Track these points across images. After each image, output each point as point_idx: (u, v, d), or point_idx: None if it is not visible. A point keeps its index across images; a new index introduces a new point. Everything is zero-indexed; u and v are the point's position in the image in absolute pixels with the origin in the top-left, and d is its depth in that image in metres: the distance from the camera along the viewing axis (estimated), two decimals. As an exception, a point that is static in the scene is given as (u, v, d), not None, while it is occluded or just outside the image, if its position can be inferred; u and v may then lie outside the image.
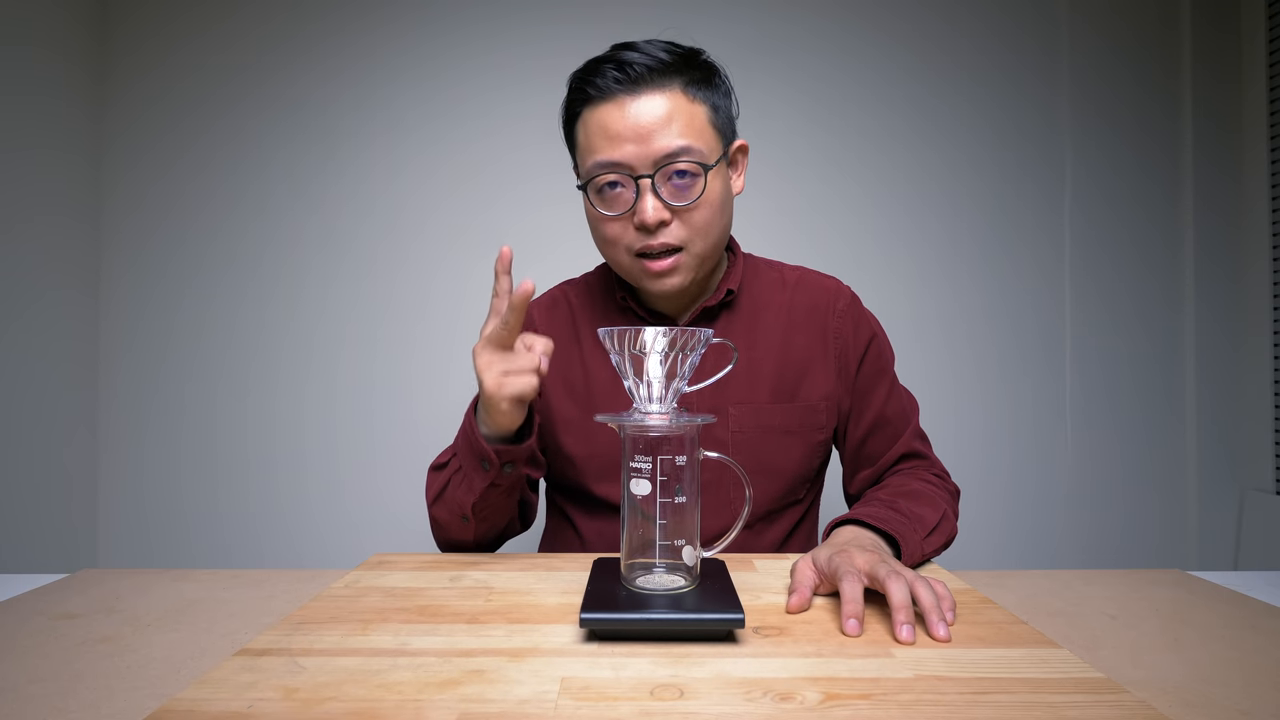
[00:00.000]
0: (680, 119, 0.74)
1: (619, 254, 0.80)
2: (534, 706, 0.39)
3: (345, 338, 1.63)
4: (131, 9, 1.61)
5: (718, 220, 0.79)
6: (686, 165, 0.74)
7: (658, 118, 0.74)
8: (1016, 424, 1.65)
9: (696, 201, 0.75)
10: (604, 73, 0.75)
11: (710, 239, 0.79)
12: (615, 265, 0.82)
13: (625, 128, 0.74)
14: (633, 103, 0.74)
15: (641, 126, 0.73)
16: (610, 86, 0.74)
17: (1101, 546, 1.65)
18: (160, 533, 1.62)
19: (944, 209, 1.65)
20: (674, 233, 0.76)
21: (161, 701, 0.43)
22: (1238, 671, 0.47)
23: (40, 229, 1.45)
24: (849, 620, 0.52)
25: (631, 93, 0.74)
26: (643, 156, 0.74)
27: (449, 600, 0.58)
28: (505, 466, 0.73)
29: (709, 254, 0.80)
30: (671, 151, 0.73)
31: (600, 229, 0.80)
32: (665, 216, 0.75)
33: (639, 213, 0.75)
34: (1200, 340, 1.64)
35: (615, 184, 0.76)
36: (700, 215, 0.76)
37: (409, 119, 1.63)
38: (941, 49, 1.65)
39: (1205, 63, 1.64)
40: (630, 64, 0.74)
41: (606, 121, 0.75)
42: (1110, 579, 0.69)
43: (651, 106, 0.74)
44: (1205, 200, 1.64)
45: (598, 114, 0.75)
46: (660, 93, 0.74)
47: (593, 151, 0.76)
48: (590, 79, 0.76)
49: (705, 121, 0.76)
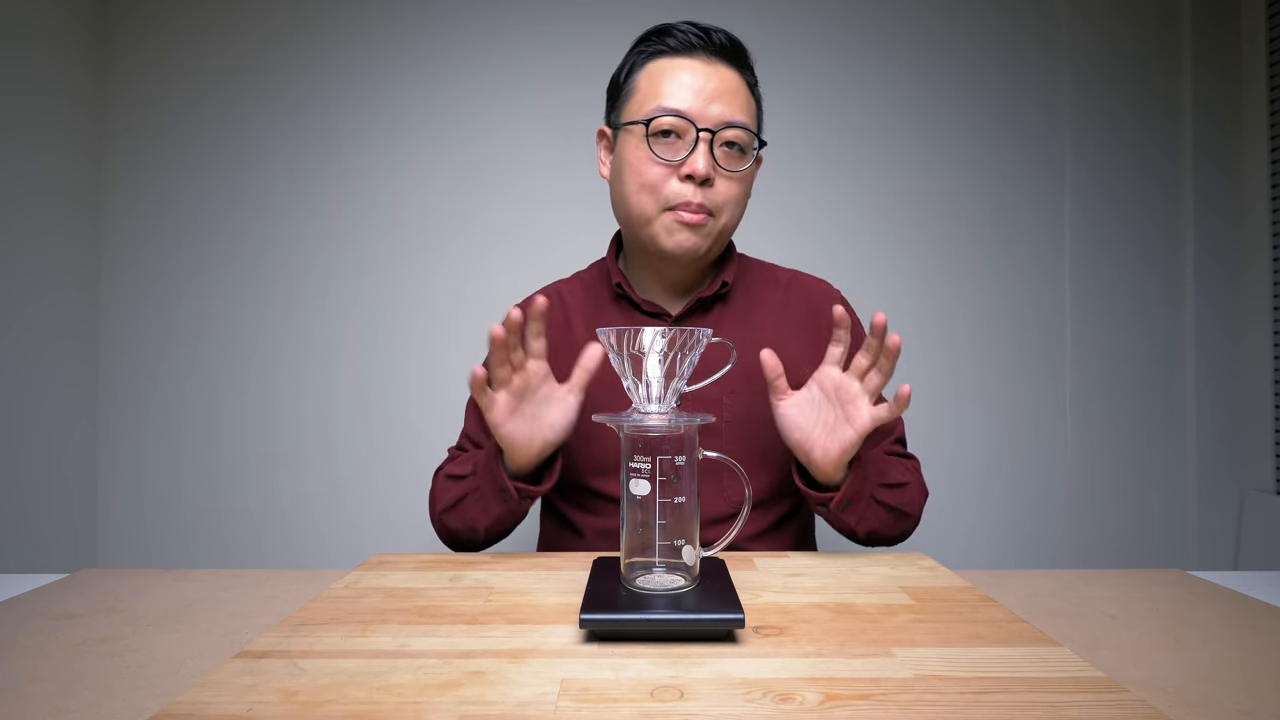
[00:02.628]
0: (743, 98, 0.80)
1: (648, 204, 0.80)
2: (534, 708, 0.39)
3: (345, 337, 1.63)
4: (131, 9, 1.61)
5: (742, 203, 0.83)
6: (742, 138, 0.79)
7: (730, 88, 0.78)
8: (1016, 424, 1.65)
9: (740, 173, 0.80)
10: (687, 31, 0.79)
11: (734, 217, 0.82)
12: (637, 217, 0.81)
13: (698, 84, 0.77)
14: (708, 66, 0.78)
15: (714, 89, 0.77)
16: (692, 43, 0.79)
17: (1101, 546, 1.65)
18: (160, 533, 1.62)
19: (944, 208, 1.65)
20: (712, 196, 0.79)
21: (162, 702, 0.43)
22: (1238, 671, 0.47)
23: (40, 229, 1.45)
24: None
25: (709, 58, 0.79)
26: (708, 114, 0.77)
27: (449, 601, 0.58)
28: (524, 499, 0.74)
29: (727, 232, 0.83)
30: (735, 121, 0.78)
31: (642, 173, 0.79)
32: (713, 174, 0.78)
33: (690, 164, 0.77)
34: (1200, 340, 1.64)
35: (670, 133, 0.78)
36: (736, 188, 0.80)
37: (409, 119, 1.63)
38: (941, 49, 1.65)
39: (1205, 63, 1.64)
40: (714, 31, 0.79)
41: (681, 72, 0.78)
42: (1110, 579, 0.69)
43: (726, 76, 0.79)
44: (1205, 200, 1.64)
45: (674, 64, 0.79)
46: (733, 69, 0.80)
47: (660, 96, 0.78)
48: (672, 33, 0.80)
49: (755, 114, 0.82)
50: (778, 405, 0.72)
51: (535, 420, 0.70)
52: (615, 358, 0.55)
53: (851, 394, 0.69)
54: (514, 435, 0.70)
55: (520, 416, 0.70)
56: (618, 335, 0.54)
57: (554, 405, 0.71)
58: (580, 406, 0.71)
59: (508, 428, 0.69)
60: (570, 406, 0.71)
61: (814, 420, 0.71)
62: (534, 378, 0.70)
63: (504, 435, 0.69)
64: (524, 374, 0.69)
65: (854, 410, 0.69)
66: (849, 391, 0.69)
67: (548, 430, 0.70)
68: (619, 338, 0.54)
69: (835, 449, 0.69)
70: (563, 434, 0.71)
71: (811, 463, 0.71)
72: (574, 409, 0.71)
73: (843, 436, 0.69)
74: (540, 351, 0.69)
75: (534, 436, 0.70)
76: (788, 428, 0.72)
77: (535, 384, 0.70)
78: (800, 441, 0.71)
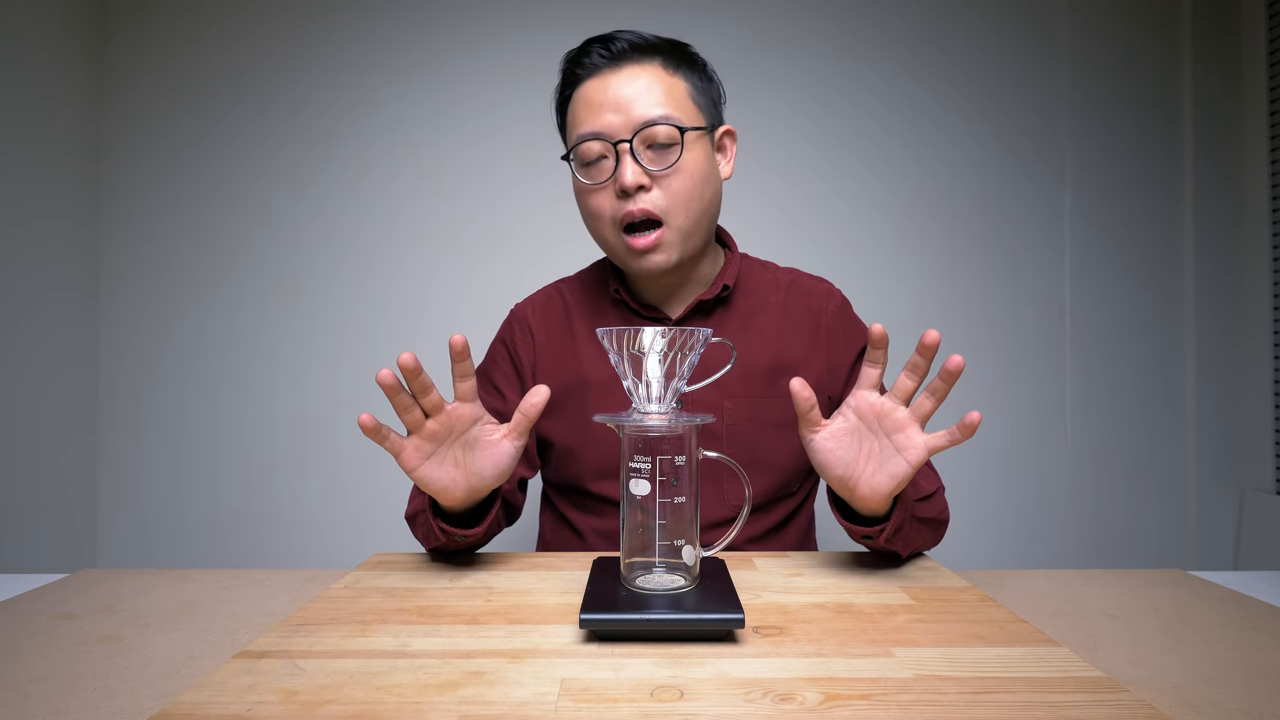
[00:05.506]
0: (658, 90, 0.78)
1: (605, 229, 0.81)
2: (534, 708, 0.39)
3: (345, 337, 1.63)
4: (131, 10, 1.61)
5: (699, 193, 0.80)
6: (664, 132, 0.77)
7: (637, 88, 0.77)
8: (1016, 424, 1.65)
9: (674, 167, 0.77)
10: (590, 52, 0.79)
11: (692, 213, 0.80)
12: (603, 244, 0.84)
13: (606, 99, 0.77)
14: (614, 76, 0.78)
15: (622, 97, 0.77)
16: (595, 63, 0.79)
17: (1101, 546, 1.65)
18: (160, 533, 1.62)
19: (944, 209, 1.65)
20: (654, 201, 0.78)
21: (161, 702, 0.43)
22: (1238, 671, 0.47)
23: (40, 229, 1.45)
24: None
25: (614, 68, 0.78)
26: (622, 124, 0.77)
27: (449, 601, 0.58)
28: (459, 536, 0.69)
29: (692, 230, 0.80)
30: (650, 119, 0.76)
31: (585, 202, 0.81)
32: (644, 181, 0.77)
33: (618, 177, 0.77)
34: (1200, 340, 1.64)
35: (600, 157, 0.78)
36: (680, 183, 0.78)
37: (409, 119, 1.63)
38: (941, 49, 1.65)
39: (1205, 63, 1.64)
40: (613, 40, 0.79)
41: (590, 95, 0.79)
42: (1110, 579, 0.69)
43: (634, 76, 0.78)
44: (1205, 200, 1.64)
45: (583, 90, 0.79)
46: (640, 67, 0.78)
47: (577, 125, 0.79)
48: (578, 59, 0.80)
49: (684, 95, 0.79)
50: (811, 439, 0.64)
51: (457, 466, 0.64)
52: (615, 358, 0.55)
53: (899, 422, 0.62)
54: (430, 480, 0.64)
55: (439, 461, 0.64)
56: (617, 335, 0.54)
57: (482, 451, 0.64)
58: (518, 454, 0.65)
59: (421, 472, 0.63)
60: (503, 453, 0.64)
61: (855, 453, 0.63)
62: (458, 421, 0.63)
63: (419, 479, 0.64)
64: (443, 417, 0.63)
65: (904, 440, 0.62)
66: (894, 419, 0.62)
67: (473, 479, 0.64)
68: (619, 338, 0.54)
69: (885, 483, 0.62)
70: (492, 482, 0.65)
71: (856, 499, 0.64)
72: (508, 455, 0.64)
73: (893, 470, 0.62)
74: (467, 394, 0.63)
75: (456, 483, 0.64)
76: (828, 464, 0.63)
77: (460, 428, 0.64)
78: (844, 478, 0.63)
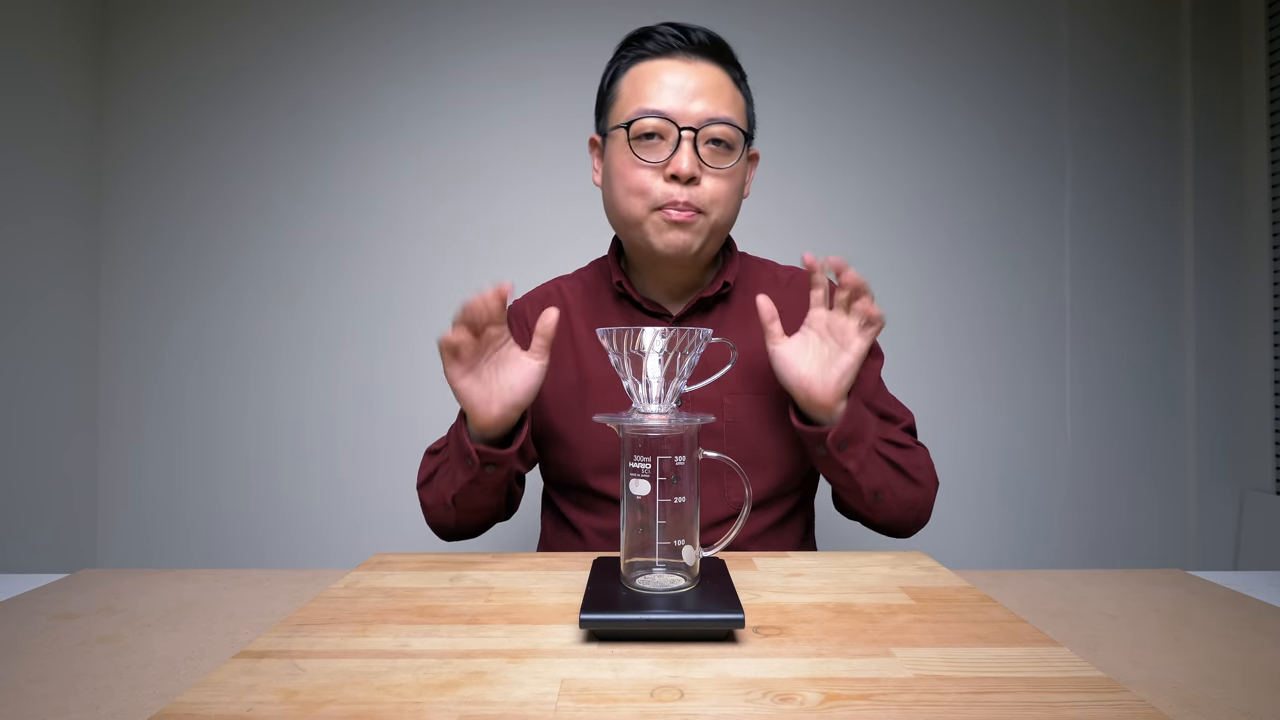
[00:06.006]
0: (727, 94, 0.79)
1: (636, 206, 0.80)
2: (534, 709, 0.39)
3: (345, 338, 1.63)
4: (131, 9, 1.61)
5: (735, 200, 0.82)
6: (730, 133, 0.78)
7: (712, 84, 0.78)
8: (1016, 424, 1.65)
9: (728, 169, 0.79)
10: (665, 33, 0.79)
11: (726, 214, 0.81)
12: (626, 220, 0.82)
13: (679, 83, 0.77)
14: (689, 65, 0.78)
15: (694, 87, 0.77)
16: (671, 44, 0.79)
17: (1101, 546, 1.65)
18: (160, 533, 1.62)
19: (944, 208, 1.65)
20: (699, 195, 0.78)
21: (161, 702, 0.43)
22: (1238, 671, 0.47)
23: (41, 228, 1.45)
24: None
25: (688, 58, 0.78)
26: (690, 113, 0.77)
27: (449, 600, 0.58)
28: (487, 466, 0.74)
29: (720, 229, 0.82)
30: (721, 118, 0.77)
31: (626, 174, 0.80)
32: (698, 173, 0.77)
33: (674, 163, 0.77)
34: (1200, 340, 1.64)
35: (653, 135, 0.78)
36: (725, 185, 0.79)
37: (409, 119, 1.63)
38: (942, 49, 1.65)
39: (1205, 62, 1.64)
40: (692, 30, 0.79)
41: (662, 73, 0.78)
42: (1110, 579, 0.69)
43: (708, 73, 0.78)
44: (1205, 200, 1.64)
45: (653, 66, 0.79)
46: (714, 66, 0.79)
47: (641, 99, 0.78)
48: (651, 36, 0.79)
49: (743, 108, 0.82)
50: (774, 349, 0.75)
51: (492, 382, 0.71)
52: (615, 358, 0.55)
53: (842, 326, 0.74)
54: (470, 393, 0.71)
55: (476, 376, 0.71)
56: (618, 335, 0.54)
57: (511, 367, 0.71)
58: (542, 371, 0.72)
59: (463, 383, 0.70)
60: (530, 370, 0.71)
61: (810, 356, 0.74)
62: (490, 340, 0.71)
63: (460, 391, 0.71)
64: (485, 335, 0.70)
65: (847, 339, 0.73)
66: (840, 325, 0.74)
67: (506, 392, 0.71)
68: (619, 338, 0.54)
69: (834, 375, 0.72)
70: (523, 396, 0.71)
71: (812, 398, 0.73)
72: (535, 373, 0.71)
73: (841, 362, 0.73)
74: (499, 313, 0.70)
75: (491, 397, 0.71)
76: (785, 366, 0.74)
77: (495, 345, 0.72)
78: (799, 377, 0.73)
